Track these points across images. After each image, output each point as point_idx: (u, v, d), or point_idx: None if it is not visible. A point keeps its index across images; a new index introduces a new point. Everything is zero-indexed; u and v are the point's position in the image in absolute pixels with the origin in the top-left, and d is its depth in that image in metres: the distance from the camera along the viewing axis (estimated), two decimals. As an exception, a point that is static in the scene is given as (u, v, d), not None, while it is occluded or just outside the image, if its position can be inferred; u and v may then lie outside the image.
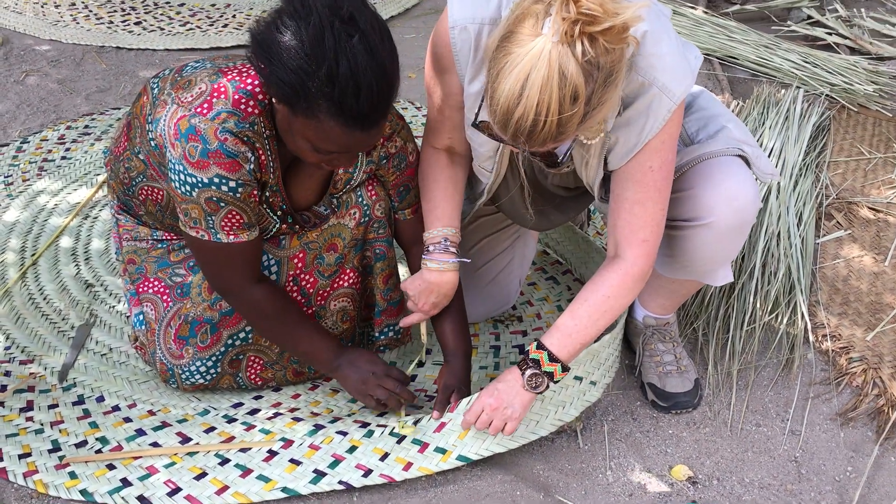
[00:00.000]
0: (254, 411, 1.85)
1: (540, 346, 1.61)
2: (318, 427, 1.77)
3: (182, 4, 3.79)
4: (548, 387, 1.62)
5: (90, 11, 3.68)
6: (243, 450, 1.72)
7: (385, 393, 1.73)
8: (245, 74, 1.55)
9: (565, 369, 1.62)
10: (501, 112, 1.30)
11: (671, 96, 1.45)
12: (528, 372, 1.60)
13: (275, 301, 1.70)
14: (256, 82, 1.54)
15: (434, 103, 1.68)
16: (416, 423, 1.74)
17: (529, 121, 1.27)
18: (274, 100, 1.47)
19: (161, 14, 3.70)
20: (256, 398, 1.89)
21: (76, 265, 2.28)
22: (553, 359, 1.60)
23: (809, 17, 3.95)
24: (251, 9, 3.80)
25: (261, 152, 1.57)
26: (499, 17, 1.47)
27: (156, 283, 1.81)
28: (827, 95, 3.25)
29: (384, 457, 1.68)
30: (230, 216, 1.58)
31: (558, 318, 1.63)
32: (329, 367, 1.76)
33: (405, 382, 1.76)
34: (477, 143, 1.68)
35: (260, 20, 1.41)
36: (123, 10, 3.71)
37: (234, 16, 3.73)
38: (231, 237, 1.60)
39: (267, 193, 1.65)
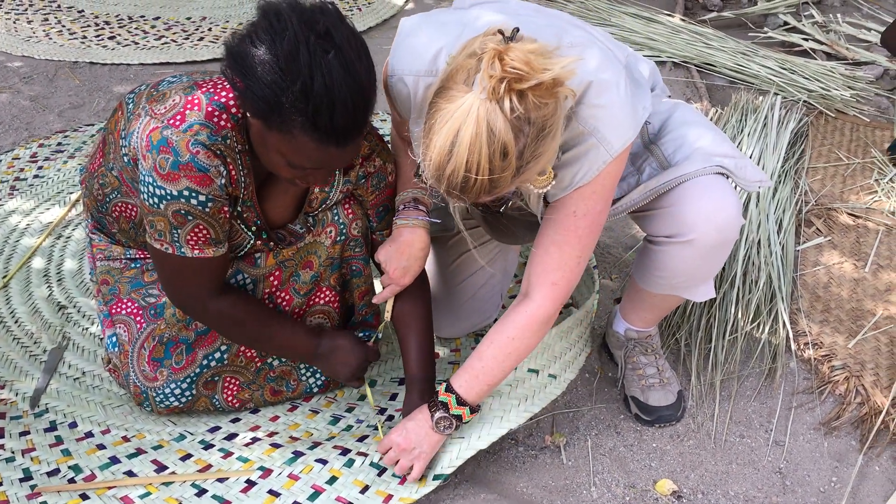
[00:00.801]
0: (231, 436, 1.81)
1: (448, 389, 1.63)
2: (298, 454, 1.74)
3: (157, 18, 3.76)
4: (457, 428, 1.64)
5: (63, 27, 3.63)
6: (221, 479, 1.68)
7: (365, 371, 1.81)
8: (220, 87, 1.53)
9: (474, 411, 1.64)
10: (433, 167, 1.30)
11: (609, 148, 1.45)
12: (437, 415, 1.62)
13: (238, 308, 1.68)
14: (230, 95, 1.52)
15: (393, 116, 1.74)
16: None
17: (460, 177, 1.27)
18: (248, 114, 1.45)
19: (135, 28, 3.66)
20: (234, 421, 1.86)
21: (48, 286, 2.23)
22: (461, 402, 1.62)
23: (786, 23, 3.97)
24: (227, 22, 3.77)
25: (231, 167, 1.54)
26: (435, 69, 1.48)
27: (129, 303, 1.78)
28: (804, 101, 3.26)
29: (364, 489, 1.64)
30: (196, 230, 1.55)
31: (467, 360, 1.64)
32: (311, 357, 1.78)
33: (376, 353, 1.82)
34: None
35: (235, 34, 1.39)
36: (97, 24, 3.67)
37: (209, 29, 3.69)
38: (195, 252, 1.57)
39: (240, 209, 1.62)
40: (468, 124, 1.23)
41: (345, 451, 1.74)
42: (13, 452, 1.73)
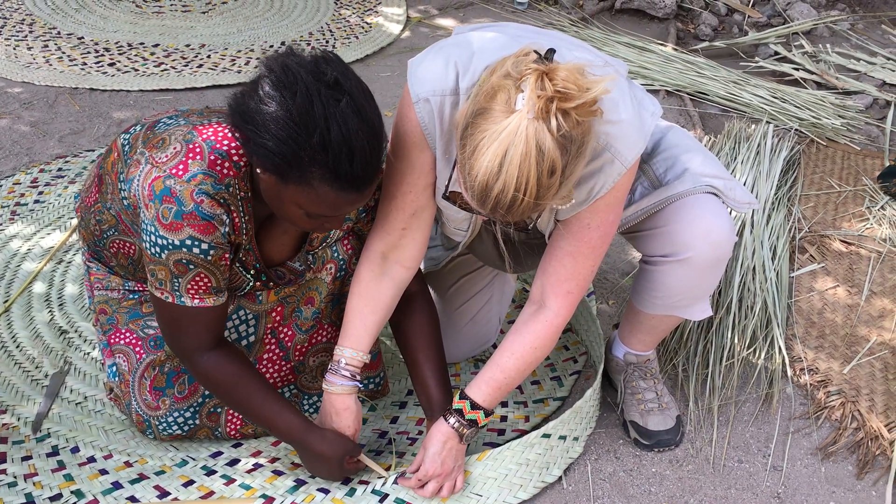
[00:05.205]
0: (233, 462, 1.81)
1: (474, 406, 1.66)
2: (300, 483, 1.74)
3: (156, 45, 3.79)
4: (475, 432, 1.69)
5: (63, 53, 3.66)
6: (223, 505, 1.69)
7: (342, 472, 1.72)
8: (220, 134, 1.52)
9: (488, 414, 1.68)
10: (480, 188, 1.30)
11: (623, 161, 1.48)
12: (455, 424, 1.66)
13: (228, 370, 1.62)
14: (233, 144, 1.51)
15: (396, 190, 1.62)
16: (397, 480, 1.70)
17: (509, 196, 1.28)
18: (259, 170, 1.43)
19: (135, 55, 3.69)
20: (236, 446, 1.86)
21: (50, 311, 2.24)
22: (487, 413, 1.67)
23: (776, 52, 4.04)
24: (225, 49, 3.81)
25: (235, 215, 1.54)
26: (457, 89, 1.48)
27: (127, 334, 1.77)
28: (796, 130, 3.31)
29: None
30: (198, 279, 1.53)
31: (485, 370, 1.67)
32: (295, 439, 1.68)
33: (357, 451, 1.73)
34: (453, 211, 1.69)
35: (236, 92, 1.40)
36: (97, 51, 3.70)
37: (208, 56, 3.73)
38: (196, 301, 1.55)
39: (240, 254, 1.62)
40: (517, 144, 1.25)
41: (347, 480, 1.74)
42: (15, 477, 1.73)
